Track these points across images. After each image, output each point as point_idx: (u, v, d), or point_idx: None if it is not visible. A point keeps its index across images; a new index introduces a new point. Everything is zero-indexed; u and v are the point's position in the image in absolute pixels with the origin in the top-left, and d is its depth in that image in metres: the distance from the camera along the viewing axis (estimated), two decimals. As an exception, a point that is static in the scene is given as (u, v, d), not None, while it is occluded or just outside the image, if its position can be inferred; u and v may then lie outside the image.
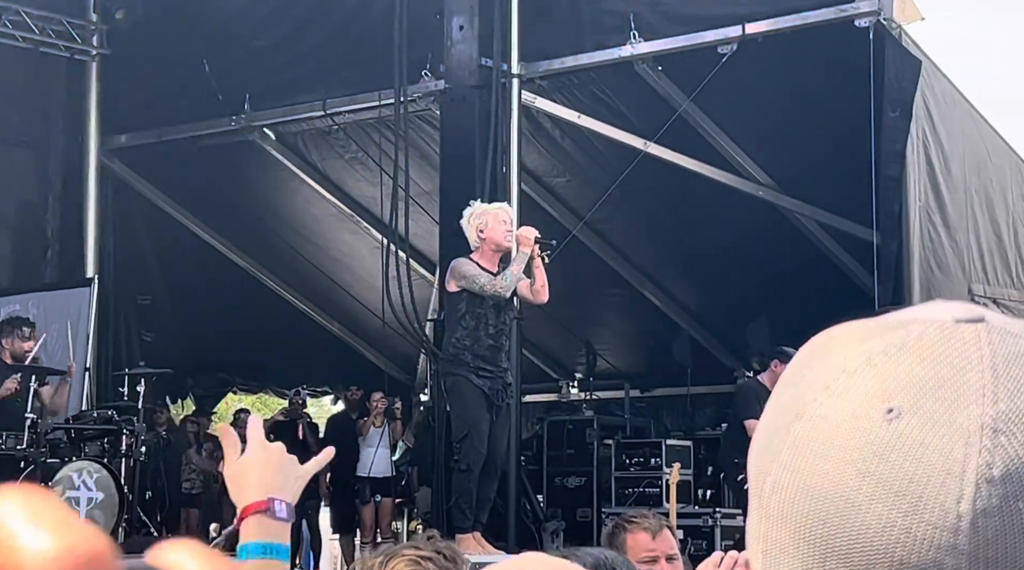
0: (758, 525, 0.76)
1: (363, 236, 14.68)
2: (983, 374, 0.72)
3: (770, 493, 0.75)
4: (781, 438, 0.76)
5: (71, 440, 9.93)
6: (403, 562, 2.46)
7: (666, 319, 14.71)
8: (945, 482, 0.70)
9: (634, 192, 12.50)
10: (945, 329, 0.75)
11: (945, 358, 0.73)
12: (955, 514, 0.69)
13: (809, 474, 0.73)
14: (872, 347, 0.75)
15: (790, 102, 11.60)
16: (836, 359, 0.76)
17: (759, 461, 0.77)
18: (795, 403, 0.76)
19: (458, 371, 8.94)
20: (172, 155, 14.23)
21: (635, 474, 12.53)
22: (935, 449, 0.70)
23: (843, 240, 12.81)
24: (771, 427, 0.78)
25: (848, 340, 0.77)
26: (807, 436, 0.74)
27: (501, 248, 9.01)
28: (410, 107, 12.03)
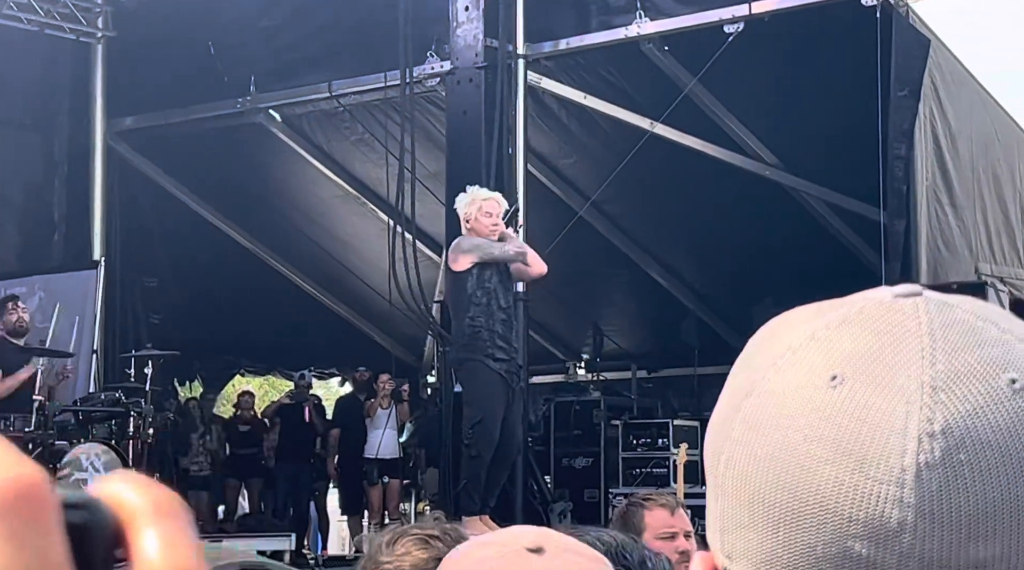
0: (714, 504, 0.79)
1: (369, 218, 14.67)
2: (921, 339, 0.75)
3: (724, 470, 0.78)
4: (733, 417, 0.78)
5: (79, 422, 9.96)
6: (410, 541, 2.46)
7: (673, 299, 14.71)
8: (889, 439, 0.72)
9: (640, 173, 12.48)
10: (884, 303, 0.78)
11: (885, 328, 0.76)
12: (899, 468, 0.72)
13: (759, 445, 0.76)
14: (815, 324, 0.78)
15: (797, 81, 11.57)
16: (783, 339, 0.79)
17: (713, 442, 0.80)
18: (745, 383, 0.79)
19: (475, 356, 8.89)
20: (178, 137, 14.23)
21: (642, 455, 12.54)
22: (878, 409, 0.73)
23: (850, 219, 12.80)
24: (723, 410, 0.80)
25: (794, 321, 0.81)
26: (756, 411, 0.77)
27: None
28: (416, 88, 12.01)
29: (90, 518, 0.54)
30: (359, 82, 12.97)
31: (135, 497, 0.55)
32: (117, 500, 0.55)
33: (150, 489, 0.56)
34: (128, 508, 0.54)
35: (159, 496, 0.55)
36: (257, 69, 13.52)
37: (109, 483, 0.56)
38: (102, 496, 0.55)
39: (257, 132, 14.11)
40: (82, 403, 10.49)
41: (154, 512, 0.55)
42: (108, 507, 0.54)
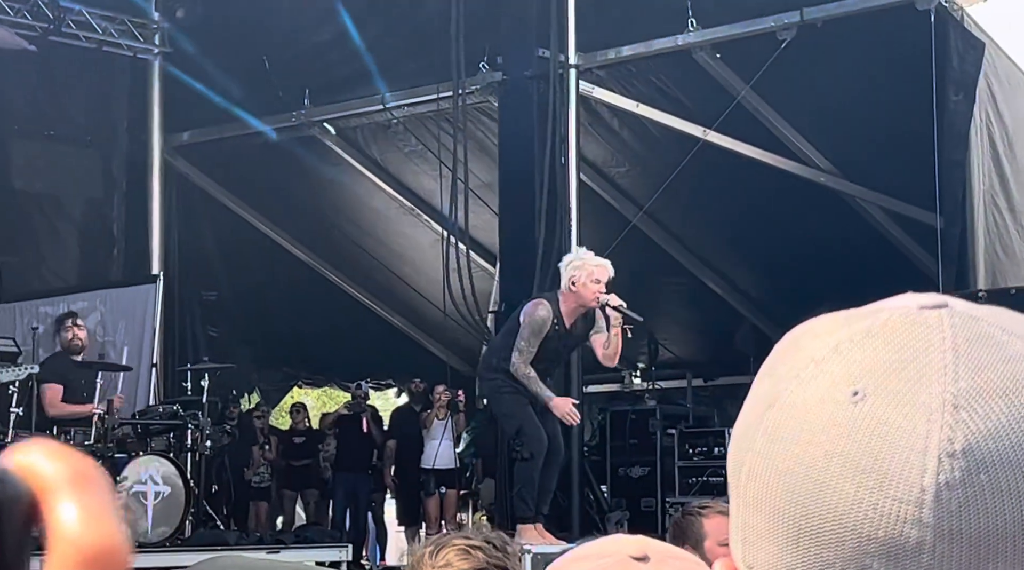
0: (736, 514, 0.79)
1: (423, 229, 14.73)
2: (944, 354, 0.75)
3: (746, 481, 0.78)
4: (755, 428, 0.78)
5: (138, 435, 10.07)
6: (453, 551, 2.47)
7: (728, 307, 14.64)
8: (909, 458, 0.72)
9: (694, 180, 12.45)
10: (909, 315, 0.77)
11: (909, 341, 0.75)
12: (919, 488, 0.71)
13: (781, 459, 0.75)
14: (839, 336, 0.78)
15: (850, 87, 11.49)
16: (806, 349, 0.79)
17: (735, 452, 0.80)
18: (768, 394, 0.79)
19: (496, 376, 8.88)
20: (234, 151, 14.36)
21: (698, 463, 12.49)
22: (899, 427, 0.73)
23: (906, 225, 12.69)
24: (746, 419, 0.80)
25: (819, 331, 0.80)
26: (778, 423, 0.77)
27: (587, 306, 8.78)
28: (468, 99, 12.06)
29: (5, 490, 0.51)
30: (412, 94, 13.05)
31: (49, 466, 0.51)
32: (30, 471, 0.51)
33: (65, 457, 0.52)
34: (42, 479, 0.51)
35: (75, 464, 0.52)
36: (311, 83, 13.63)
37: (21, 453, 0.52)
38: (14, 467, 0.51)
39: (312, 145, 14.22)
40: (140, 416, 10.60)
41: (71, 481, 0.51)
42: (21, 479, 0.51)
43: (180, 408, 10.37)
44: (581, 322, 8.86)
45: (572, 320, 8.79)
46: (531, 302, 8.92)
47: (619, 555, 1.35)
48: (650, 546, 1.38)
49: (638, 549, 1.36)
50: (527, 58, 11.63)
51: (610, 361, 9.01)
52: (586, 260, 8.77)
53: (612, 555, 1.36)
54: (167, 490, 9.39)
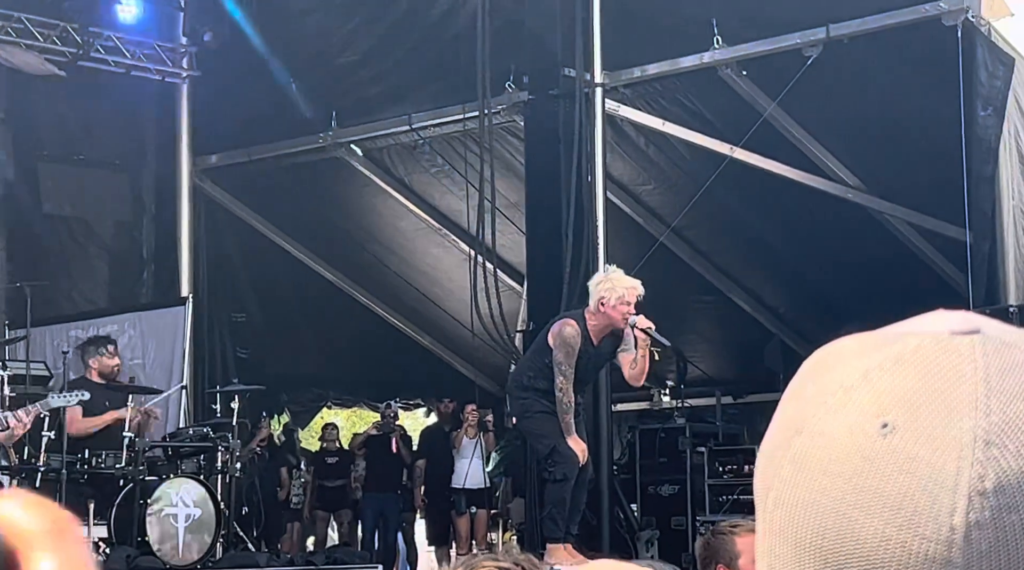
0: (763, 540, 0.78)
1: (451, 249, 14.75)
2: (976, 386, 0.73)
3: (772, 508, 0.77)
4: (782, 453, 0.77)
5: (168, 458, 10.10)
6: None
7: (756, 324, 14.60)
8: (938, 496, 0.70)
9: (720, 198, 12.43)
10: (941, 342, 0.75)
11: (939, 371, 0.74)
12: (948, 527, 0.70)
13: (808, 489, 0.74)
14: (869, 362, 0.76)
15: (877, 103, 11.46)
16: (835, 374, 0.77)
17: (763, 476, 0.79)
18: (796, 418, 0.77)
19: (526, 395, 8.86)
20: (261, 173, 14.43)
21: (729, 481, 12.43)
22: (928, 463, 0.71)
23: (935, 241, 12.63)
24: (774, 442, 0.79)
25: (847, 354, 0.78)
26: (806, 451, 0.75)
27: (615, 327, 8.77)
28: (494, 119, 12.08)
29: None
30: (438, 114, 13.09)
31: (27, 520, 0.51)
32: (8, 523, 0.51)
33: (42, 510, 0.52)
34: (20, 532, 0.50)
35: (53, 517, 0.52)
36: (338, 104, 13.69)
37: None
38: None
39: (339, 166, 14.27)
40: (171, 439, 10.63)
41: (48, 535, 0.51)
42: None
43: (210, 430, 10.40)
44: (608, 340, 8.85)
45: (599, 339, 8.77)
46: (558, 322, 8.90)
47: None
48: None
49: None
50: (553, 77, 11.65)
51: (636, 381, 9.00)
52: (616, 281, 8.73)
53: None
54: (198, 512, 9.42)
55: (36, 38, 12.95)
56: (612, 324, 8.69)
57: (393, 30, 12.89)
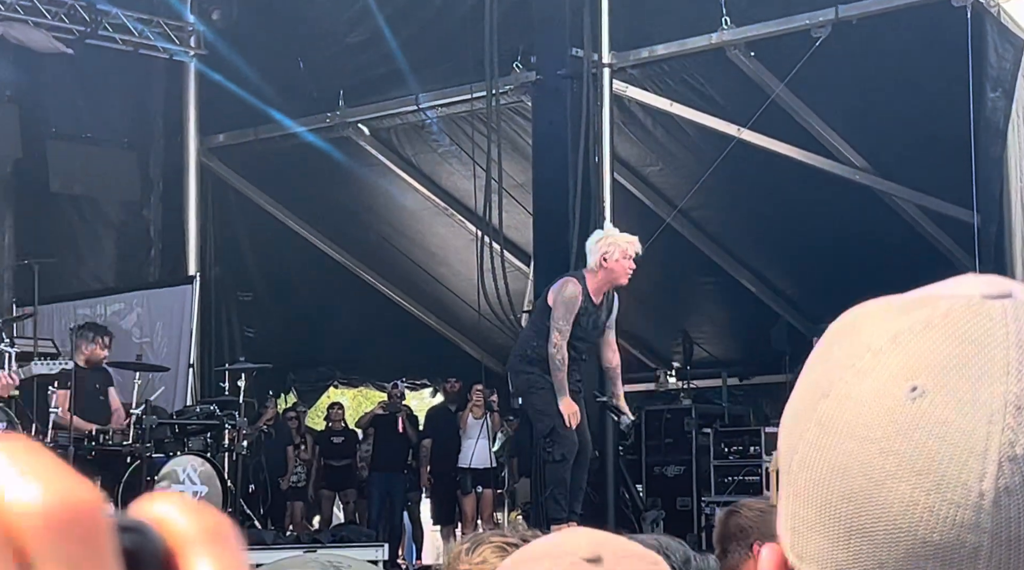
0: (787, 503, 0.77)
1: (457, 229, 14.76)
2: (1008, 351, 0.72)
3: (797, 471, 0.76)
4: (808, 416, 0.76)
5: (175, 435, 10.13)
6: (489, 549, 2.47)
7: (763, 306, 14.60)
8: (968, 461, 0.70)
9: (728, 179, 12.42)
10: (972, 306, 0.74)
11: (970, 335, 0.73)
12: (977, 492, 0.69)
13: (834, 453, 0.74)
14: (899, 325, 0.75)
15: (886, 84, 11.44)
16: (863, 337, 0.76)
17: (787, 439, 0.78)
18: (822, 381, 0.77)
19: (532, 369, 8.87)
20: (269, 152, 14.44)
21: (734, 462, 12.46)
22: (958, 428, 0.71)
23: (942, 222, 12.62)
24: (799, 405, 0.78)
25: (876, 317, 0.77)
26: (833, 415, 0.75)
27: (617, 283, 8.85)
28: (502, 99, 12.07)
29: (142, 542, 0.51)
30: (445, 94, 13.07)
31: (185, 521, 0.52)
32: (167, 524, 0.52)
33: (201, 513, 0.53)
34: (178, 533, 0.52)
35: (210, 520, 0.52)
36: (345, 84, 13.68)
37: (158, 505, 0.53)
38: (151, 519, 0.52)
39: (346, 146, 14.27)
40: (178, 416, 10.66)
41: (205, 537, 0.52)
42: (158, 531, 0.51)
43: (217, 408, 10.43)
44: (606, 301, 8.88)
45: (599, 297, 8.82)
46: (559, 281, 8.95)
47: (572, 557, 1.33)
48: (606, 545, 1.35)
49: (591, 550, 1.33)
50: (560, 57, 11.63)
51: (609, 363, 9.12)
52: (616, 237, 8.83)
53: (564, 556, 1.34)
54: (204, 490, 9.45)
55: (44, 16, 12.95)
56: (614, 280, 8.78)
57: (401, 9, 12.88)
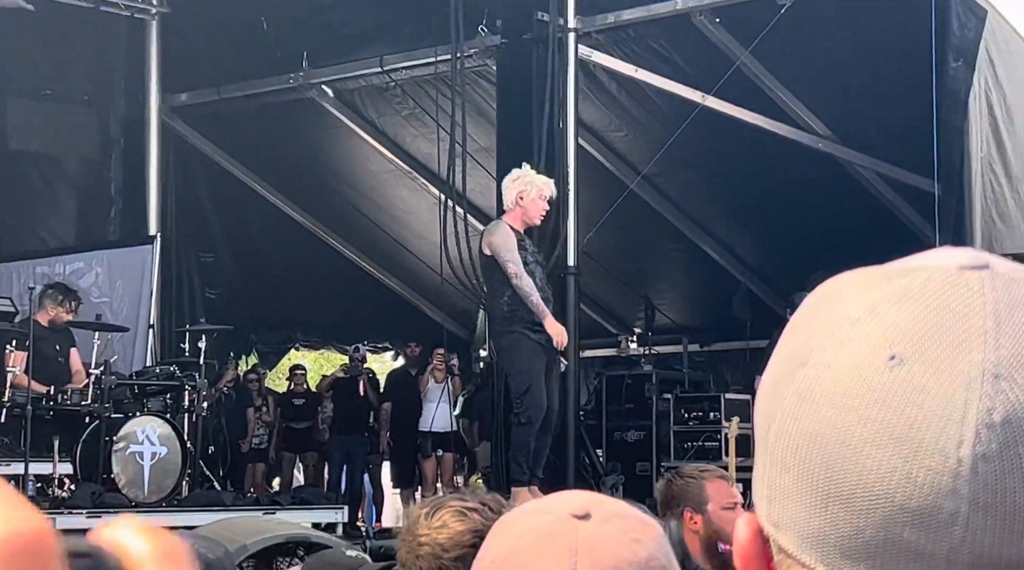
0: (763, 471, 0.78)
1: (421, 192, 14.72)
2: (985, 320, 0.72)
3: (774, 440, 0.76)
4: (786, 385, 0.76)
5: (134, 396, 10.08)
6: (449, 512, 2.49)
7: (725, 273, 14.66)
8: (946, 427, 0.70)
9: (692, 146, 12.43)
10: (949, 276, 0.75)
11: (948, 305, 0.73)
12: (955, 459, 0.70)
13: (812, 421, 0.74)
14: (877, 294, 0.75)
15: (850, 53, 11.46)
16: (842, 307, 0.76)
17: (765, 408, 0.78)
18: (801, 351, 0.77)
19: (513, 328, 8.96)
20: (232, 113, 14.34)
21: (694, 428, 12.52)
22: (936, 395, 0.71)
23: (904, 191, 12.69)
24: (777, 374, 0.78)
25: (854, 288, 0.78)
26: (811, 384, 0.75)
27: (531, 222, 9.04)
28: (466, 63, 12.01)
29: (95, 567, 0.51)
30: (410, 57, 13.01)
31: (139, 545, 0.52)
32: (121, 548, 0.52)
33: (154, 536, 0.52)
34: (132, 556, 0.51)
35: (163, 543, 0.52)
36: (309, 44, 13.58)
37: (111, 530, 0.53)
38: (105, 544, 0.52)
39: (310, 107, 14.19)
40: (138, 377, 10.61)
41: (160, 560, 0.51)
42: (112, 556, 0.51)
43: (177, 369, 10.39)
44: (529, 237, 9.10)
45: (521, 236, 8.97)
46: (485, 229, 9.11)
47: (560, 513, 1.37)
48: (596, 504, 1.39)
49: (581, 507, 1.37)
50: (526, 22, 11.59)
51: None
52: (533, 178, 8.95)
53: (554, 513, 1.38)
54: (164, 451, 9.42)
55: (4, -29, 12.77)
56: (529, 220, 8.94)
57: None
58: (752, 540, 0.79)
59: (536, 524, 1.39)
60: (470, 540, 2.44)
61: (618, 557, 1.34)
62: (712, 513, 4.26)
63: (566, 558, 1.34)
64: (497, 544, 1.40)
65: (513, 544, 1.39)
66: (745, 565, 0.80)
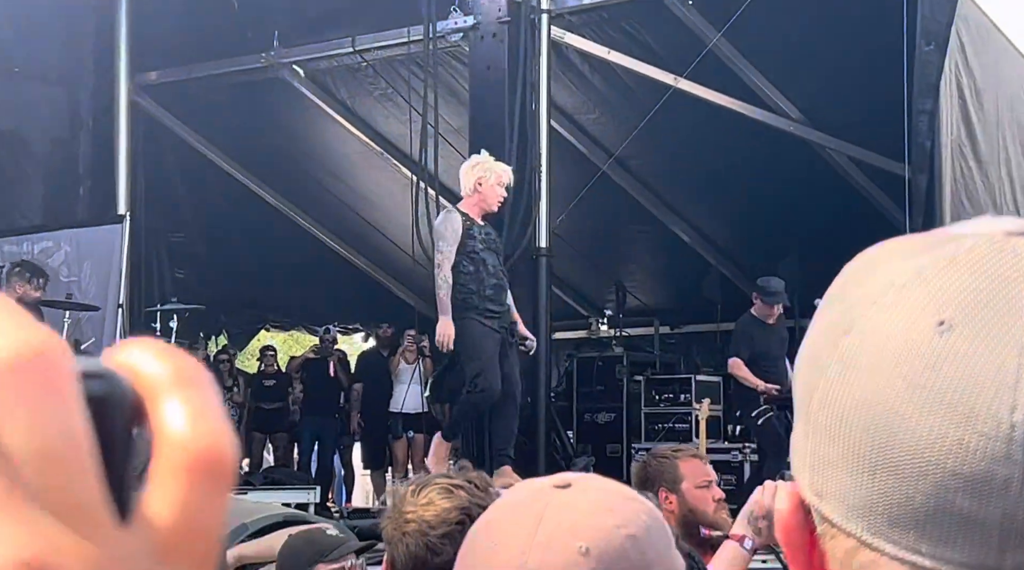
0: (805, 441, 0.76)
1: (392, 174, 14.69)
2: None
3: (818, 409, 0.75)
4: (829, 354, 0.75)
5: (106, 376, 10.00)
6: (435, 490, 2.50)
7: (696, 255, 14.70)
8: (998, 393, 0.69)
9: (664, 128, 12.45)
10: (996, 242, 0.74)
11: (996, 271, 0.73)
12: (1008, 424, 0.69)
13: (858, 388, 0.73)
14: (921, 261, 0.74)
15: (822, 36, 11.50)
16: (884, 274, 0.75)
17: (806, 377, 0.77)
18: (842, 319, 0.76)
19: (466, 314, 9.03)
20: (202, 92, 14.25)
21: (665, 410, 12.58)
22: (987, 361, 0.70)
23: (874, 175, 12.76)
24: (818, 344, 0.77)
25: (895, 255, 0.77)
26: (856, 351, 0.74)
27: (489, 209, 9.08)
28: (439, 43, 11.98)
29: (108, 388, 0.48)
30: (382, 37, 12.95)
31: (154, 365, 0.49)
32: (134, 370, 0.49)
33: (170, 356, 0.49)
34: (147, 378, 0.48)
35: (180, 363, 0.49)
36: (280, 24, 13.50)
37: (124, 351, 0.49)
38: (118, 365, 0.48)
39: (280, 87, 14.12)
40: (108, 357, 10.53)
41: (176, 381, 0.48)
42: (124, 379, 0.48)
43: (149, 349, 10.32)
44: (490, 225, 9.15)
45: (480, 221, 9.01)
46: (438, 218, 9.18)
47: (545, 484, 1.42)
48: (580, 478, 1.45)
49: (565, 479, 1.43)
50: (499, 2, 11.56)
51: None
52: (491, 164, 9.01)
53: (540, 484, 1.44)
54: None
55: (-29, -53, 12.66)
56: (487, 206, 8.97)
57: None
58: (794, 511, 0.78)
59: (519, 496, 1.44)
60: (457, 517, 2.44)
61: (581, 521, 1.35)
62: (686, 492, 4.28)
63: (531, 522, 1.36)
64: (484, 516, 1.46)
65: (492, 514, 1.44)
66: (787, 536, 0.79)
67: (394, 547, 2.48)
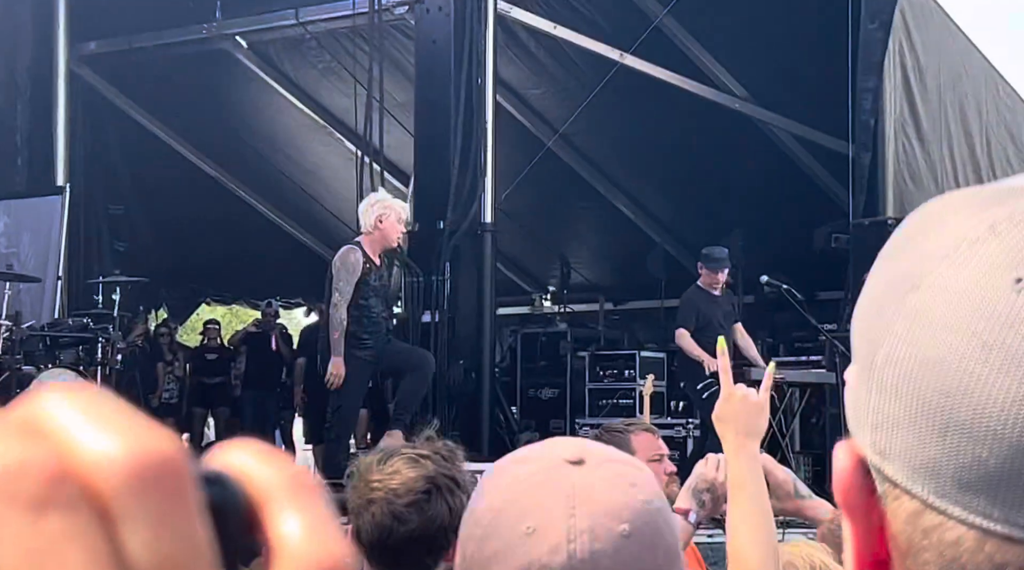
0: (867, 398, 0.74)
1: (337, 147, 14.60)
2: None
3: (883, 365, 0.72)
4: (895, 309, 0.73)
5: (46, 348, 9.91)
6: (401, 460, 2.49)
7: (640, 232, 14.74)
8: None
9: (609, 104, 12.46)
10: None
11: None
12: None
13: (928, 346, 0.70)
14: (995, 214, 0.71)
15: (768, 15, 11.55)
16: (953, 228, 0.72)
17: (869, 333, 0.74)
18: (909, 274, 0.73)
19: None
20: (143, 63, 14.07)
21: (609, 386, 12.61)
22: None
23: (818, 153, 12.84)
24: (882, 298, 0.74)
25: (962, 209, 0.74)
26: (925, 307, 0.71)
27: (389, 245, 9.17)
28: (384, 17, 11.91)
29: (226, 495, 0.47)
30: (327, 9, 12.85)
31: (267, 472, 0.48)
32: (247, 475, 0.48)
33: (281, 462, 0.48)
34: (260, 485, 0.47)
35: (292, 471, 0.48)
36: (223, -6, 13.37)
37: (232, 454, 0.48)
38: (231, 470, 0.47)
39: (223, 59, 13.97)
40: (49, 328, 10.42)
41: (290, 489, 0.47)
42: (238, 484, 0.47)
43: (91, 321, 10.22)
44: (385, 260, 9.35)
45: (378, 259, 9.12)
46: (340, 251, 9.23)
47: (555, 459, 1.37)
48: (588, 450, 1.39)
49: (574, 453, 1.37)
50: (445, -24, 11.50)
51: None
52: (391, 202, 9.10)
53: (548, 459, 1.37)
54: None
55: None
56: (387, 243, 9.06)
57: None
58: (853, 470, 0.76)
59: (531, 471, 1.38)
60: (423, 486, 2.44)
61: (615, 501, 1.34)
62: None
63: (563, 504, 1.33)
64: (492, 492, 1.39)
65: (508, 493, 1.37)
66: (845, 496, 0.76)
67: (359, 517, 2.46)
